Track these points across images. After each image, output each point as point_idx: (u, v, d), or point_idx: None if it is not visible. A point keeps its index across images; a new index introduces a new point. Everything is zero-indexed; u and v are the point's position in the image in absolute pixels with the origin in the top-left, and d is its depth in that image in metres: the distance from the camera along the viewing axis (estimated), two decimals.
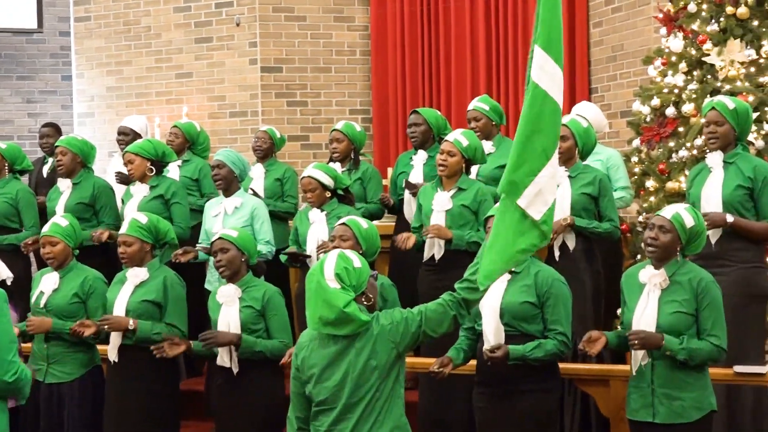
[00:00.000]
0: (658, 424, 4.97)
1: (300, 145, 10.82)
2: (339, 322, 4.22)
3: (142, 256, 5.96)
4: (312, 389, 4.34)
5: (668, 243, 4.99)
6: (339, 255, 4.32)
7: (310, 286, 4.31)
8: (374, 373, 4.25)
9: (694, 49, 7.37)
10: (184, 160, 8.21)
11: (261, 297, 5.73)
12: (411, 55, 10.91)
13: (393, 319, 4.31)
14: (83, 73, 11.65)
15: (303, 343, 4.43)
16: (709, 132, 6.07)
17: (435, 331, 4.37)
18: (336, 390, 4.28)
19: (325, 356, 4.32)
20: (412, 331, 4.32)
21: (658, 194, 7.26)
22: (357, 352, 4.26)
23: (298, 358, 4.42)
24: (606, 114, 8.87)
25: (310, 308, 4.31)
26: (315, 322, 4.29)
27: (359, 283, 4.31)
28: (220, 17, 11.00)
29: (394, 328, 4.29)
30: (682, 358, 4.90)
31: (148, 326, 5.85)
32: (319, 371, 4.32)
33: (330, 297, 4.22)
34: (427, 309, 4.37)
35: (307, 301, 4.33)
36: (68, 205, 7.48)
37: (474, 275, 4.36)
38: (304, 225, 6.85)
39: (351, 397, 4.25)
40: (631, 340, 4.93)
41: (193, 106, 11.01)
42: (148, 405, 5.88)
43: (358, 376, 4.25)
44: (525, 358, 5.04)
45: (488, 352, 5.01)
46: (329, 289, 4.23)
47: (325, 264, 4.29)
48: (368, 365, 4.25)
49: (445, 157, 6.56)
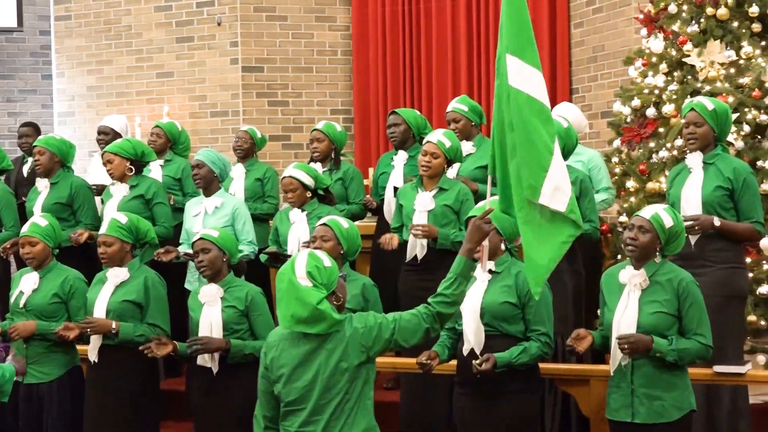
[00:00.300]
0: (639, 424, 4.98)
1: (281, 145, 10.81)
2: (312, 319, 4.23)
3: (123, 256, 5.94)
4: (281, 389, 4.34)
5: (647, 243, 5.01)
6: (309, 254, 4.33)
7: (281, 285, 4.31)
8: (344, 375, 4.26)
9: (675, 50, 7.40)
10: (166, 160, 8.19)
11: (244, 297, 5.72)
12: (392, 55, 10.92)
13: (366, 323, 4.31)
14: (64, 72, 11.62)
15: (272, 342, 4.43)
16: (688, 133, 6.09)
17: (407, 341, 4.38)
18: (306, 391, 4.28)
19: (295, 356, 4.31)
20: (385, 338, 4.32)
21: (639, 195, 7.28)
22: (328, 353, 4.26)
23: (267, 357, 4.42)
24: (587, 114, 8.89)
25: (281, 307, 4.31)
26: (287, 320, 4.29)
27: (330, 282, 4.32)
28: (202, 16, 10.98)
29: (367, 332, 4.29)
30: (672, 359, 4.92)
31: (131, 328, 5.83)
32: (288, 371, 4.32)
33: (303, 294, 4.23)
34: (401, 318, 4.38)
35: (279, 300, 4.33)
36: (46, 204, 7.44)
37: (448, 289, 4.42)
38: (284, 225, 6.84)
39: (321, 398, 4.25)
40: (621, 345, 4.93)
41: (174, 106, 10.98)
42: (127, 405, 5.86)
43: (329, 378, 4.25)
44: (512, 365, 5.04)
45: (477, 366, 5.00)
46: (301, 287, 4.24)
47: (296, 263, 4.29)
48: (339, 367, 4.25)
49: (429, 158, 6.56)
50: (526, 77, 4.62)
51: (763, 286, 6.75)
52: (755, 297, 6.75)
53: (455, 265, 4.48)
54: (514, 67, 4.62)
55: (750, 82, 7.06)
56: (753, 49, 7.16)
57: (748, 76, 7.10)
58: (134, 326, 5.84)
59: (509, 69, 4.65)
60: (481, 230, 4.58)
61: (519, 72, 4.61)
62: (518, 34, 4.70)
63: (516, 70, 4.61)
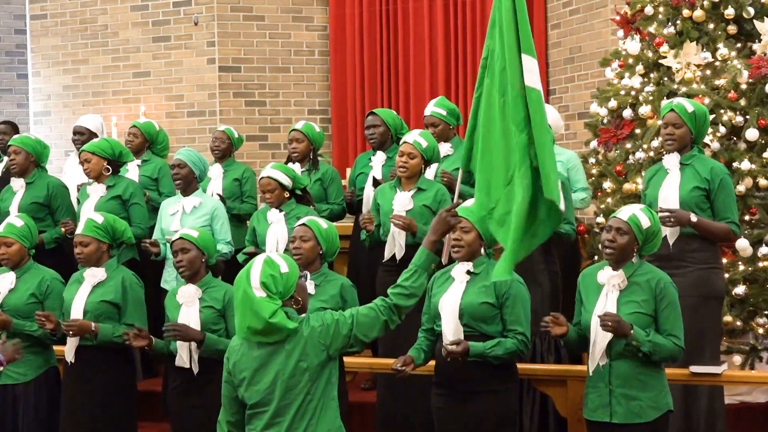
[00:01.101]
0: (616, 424, 5.00)
1: (258, 145, 10.80)
2: (266, 331, 4.23)
3: (99, 256, 5.92)
4: (244, 392, 4.34)
5: (625, 245, 5.03)
6: (265, 261, 4.30)
7: (237, 294, 4.30)
8: (305, 375, 4.25)
9: (651, 52, 7.43)
10: (143, 160, 8.16)
11: (221, 297, 5.71)
12: (370, 56, 10.92)
13: (324, 321, 4.30)
14: (39, 72, 11.56)
15: (234, 347, 4.42)
16: (666, 133, 6.12)
17: (366, 336, 4.37)
18: (267, 393, 4.27)
19: (255, 359, 4.31)
20: (344, 334, 4.31)
21: (615, 195, 7.31)
22: (287, 354, 4.26)
23: (229, 362, 4.41)
24: (564, 115, 8.93)
25: (238, 316, 4.30)
26: (243, 331, 4.29)
27: (286, 288, 4.29)
28: (178, 16, 10.95)
29: (325, 330, 4.28)
30: (646, 351, 4.94)
31: (110, 329, 5.81)
32: (250, 374, 4.32)
33: (257, 307, 4.21)
34: (358, 312, 4.38)
35: (235, 309, 4.33)
36: (22, 204, 7.41)
37: (408, 281, 4.42)
38: (262, 225, 6.83)
39: (282, 399, 4.25)
40: (603, 322, 4.92)
41: (151, 106, 10.95)
42: (104, 406, 5.83)
43: (289, 378, 4.25)
44: (485, 356, 5.04)
45: (447, 348, 5.01)
46: (255, 299, 4.22)
47: (251, 272, 4.27)
48: (298, 367, 4.25)
49: (405, 159, 6.57)
50: (535, 72, 4.65)
51: (738, 286, 6.79)
52: (731, 297, 6.78)
53: (417, 257, 4.48)
54: (530, 66, 4.64)
55: (726, 83, 7.09)
56: (729, 50, 7.20)
57: (724, 77, 7.13)
58: (113, 327, 5.82)
59: (525, 68, 4.66)
60: (446, 223, 4.57)
61: (532, 70, 4.63)
62: (527, 32, 4.73)
63: (530, 68, 4.63)
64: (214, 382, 5.61)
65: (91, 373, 5.85)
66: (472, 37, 10.49)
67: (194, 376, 5.68)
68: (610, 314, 4.95)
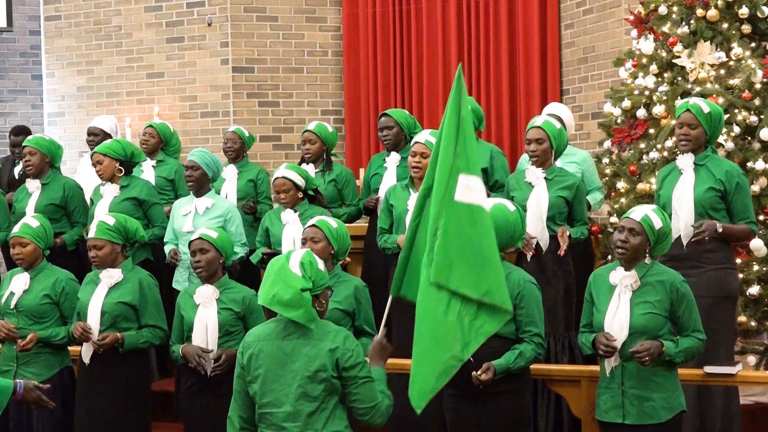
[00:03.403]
0: (629, 425, 4.99)
1: (272, 146, 10.81)
2: (291, 303, 4.27)
3: (114, 257, 5.92)
4: (257, 389, 4.34)
5: (638, 245, 5.02)
6: (307, 252, 4.44)
7: (272, 268, 4.36)
8: (322, 385, 4.28)
9: (665, 51, 7.41)
10: (158, 161, 8.19)
11: (240, 300, 5.72)
12: (383, 56, 10.92)
13: (353, 350, 4.34)
14: (54, 73, 11.59)
15: (250, 342, 4.44)
16: (681, 134, 6.10)
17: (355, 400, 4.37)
18: (281, 394, 4.29)
19: (273, 357, 4.32)
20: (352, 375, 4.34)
21: (629, 196, 7.29)
22: (308, 360, 4.28)
23: (243, 356, 4.42)
24: (577, 115, 8.91)
25: (266, 285, 4.35)
26: (267, 298, 4.32)
27: (318, 282, 4.37)
28: (192, 17, 10.96)
29: (348, 356, 4.31)
30: (680, 361, 4.98)
31: (134, 336, 5.85)
32: (265, 372, 4.33)
33: (290, 278, 4.29)
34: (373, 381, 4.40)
35: (264, 280, 4.38)
36: (38, 206, 7.44)
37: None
38: (276, 226, 6.83)
39: (296, 404, 4.27)
40: (641, 359, 4.90)
41: (165, 106, 10.97)
42: (119, 406, 5.85)
43: (306, 384, 4.27)
44: (510, 370, 5.02)
45: (477, 377, 4.99)
46: (291, 272, 4.31)
47: (293, 254, 4.40)
48: (317, 376, 4.28)
49: (418, 159, 6.55)
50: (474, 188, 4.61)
51: (753, 286, 6.78)
52: (745, 298, 6.77)
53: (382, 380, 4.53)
54: (465, 183, 4.61)
55: (740, 83, 7.08)
56: (743, 50, 7.18)
57: (738, 77, 7.12)
58: (137, 334, 5.86)
59: (459, 185, 4.61)
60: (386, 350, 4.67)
61: (468, 186, 4.60)
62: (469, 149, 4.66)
63: (465, 185, 4.60)
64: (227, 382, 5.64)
65: (107, 373, 5.86)
66: (485, 37, 10.47)
67: (207, 377, 5.69)
68: (640, 349, 4.90)
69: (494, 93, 10.42)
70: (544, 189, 6.45)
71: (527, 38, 10.21)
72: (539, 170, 6.50)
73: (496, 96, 10.40)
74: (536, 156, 6.51)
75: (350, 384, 4.34)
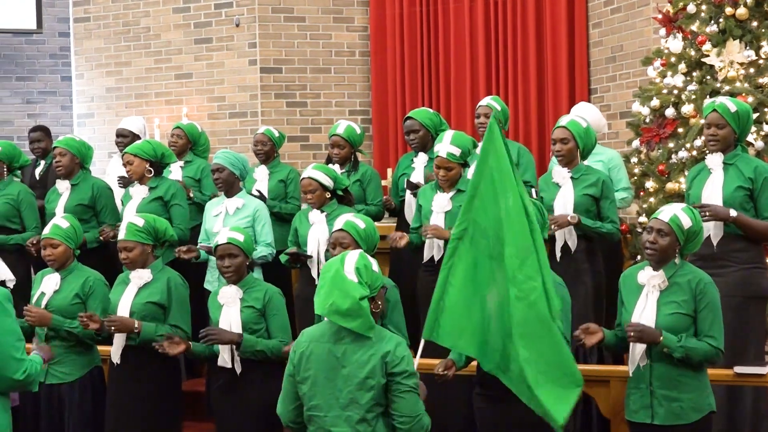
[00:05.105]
0: (658, 425, 4.97)
1: (300, 146, 10.83)
2: (350, 313, 4.25)
3: (145, 258, 5.96)
4: (306, 391, 4.35)
5: (667, 246, 4.99)
6: (361, 254, 4.40)
7: (326, 274, 4.34)
8: (370, 392, 4.28)
9: (694, 50, 7.38)
10: (186, 161, 8.22)
11: (262, 297, 5.75)
12: (410, 56, 10.92)
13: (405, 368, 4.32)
14: (83, 74, 11.66)
15: (302, 342, 4.44)
16: (710, 134, 6.07)
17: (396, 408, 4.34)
18: (330, 398, 4.29)
19: (324, 361, 4.32)
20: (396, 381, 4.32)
21: (658, 195, 7.26)
22: (358, 366, 4.28)
23: (295, 355, 4.43)
24: (605, 115, 8.88)
25: (321, 295, 4.32)
26: (324, 308, 4.29)
27: (374, 285, 4.36)
28: (220, 18, 11.01)
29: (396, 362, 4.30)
30: (679, 356, 4.91)
31: (152, 328, 5.85)
32: (315, 375, 4.34)
33: (347, 287, 4.26)
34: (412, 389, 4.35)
35: (320, 288, 4.35)
36: (68, 206, 7.49)
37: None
38: (303, 226, 6.85)
39: (344, 409, 4.27)
40: (628, 332, 4.93)
41: (193, 107, 11.02)
42: (149, 406, 5.88)
43: (355, 391, 4.27)
44: None
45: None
46: (347, 280, 4.28)
47: (346, 258, 4.36)
48: (366, 383, 4.27)
49: (443, 173, 6.56)
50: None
51: None
52: None
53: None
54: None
55: None
56: None
57: None
58: (156, 326, 5.86)
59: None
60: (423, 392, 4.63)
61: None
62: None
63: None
64: (256, 381, 5.67)
65: (137, 373, 5.90)
66: (513, 37, 10.46)
67: (237, 376, 5.72)
68: (632, 325, 4.94)
69: (522, 93, 10.41)
70: (570, 188, 6.45)
71: (555, 37, 10.19)
72: (565, 170, 6.49)
73: (523, 96, 10.39)
74: (561, 155, 6.50)
75: (394, 390, 4.31)
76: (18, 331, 4.69)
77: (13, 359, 4.57)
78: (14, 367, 4.55)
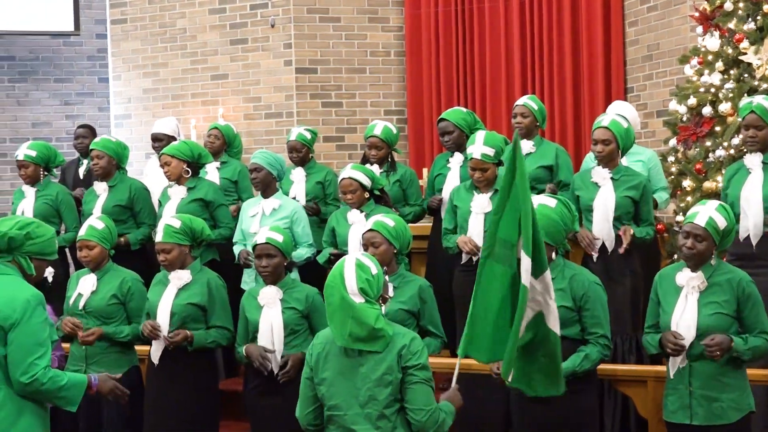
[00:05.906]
0: (697, 426, 4.95)
1: (335, 146, 10.85)
2: (370, 337, 4.24)
3: (183, 259, 5.99)
4: (324, 392, 4.35)
5: (704, 250, 4.97)
6: (357, 265, 4.31)
7: (331, 300, 4.29)
8: (388, 389, 4.27)
9: (731, 48, 7.33)
10: (222, 162, 8.25)
11: (303, 299, 5.77)
12: (445, 56, 10.91)
13: (418, 362, 4.29)
14: (120, 75, 11.73)
15: (318, 344, 4.44)
16: (749, 136, 6.04)
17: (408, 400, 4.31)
18: (349, 397, 4.29)
19: (341, 361, 4.33)
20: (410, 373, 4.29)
21: (695, 194, 7.22)
22: (376, 363, 4.28)
23: (312, 358, 4.43)
24: (642, 113, 8.85)
25: (335, 323, 4.28)
26: (344, 339, 4.27)
27: (379, 290, 4.35)
28: (255, 19, 11.04)
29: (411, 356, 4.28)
30: (748, 358, 4.92)
31: (203, 335, 5.93)
32: (332, 375, 4.34)
33: (359, 314, 4.23)
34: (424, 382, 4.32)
35: (331, 315, 4.31)
36: (105, 207, 7.54)
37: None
38: (342, 226, 6.86)
39: (364, 406, 4.27)
40: (711, 353, 4.87)
41: (229, 108, 11.06)
42: (187, 405, 5.93)
43: (373, 388, 4.27)
44: (576, 373, 5.01)
45: None
46: (356, 306, 4.24)
47: (345, 277, 4.28)
48: (383, 379, 4.27)
49: (479, 174, 6.56)
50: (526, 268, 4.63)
51: None
52: None
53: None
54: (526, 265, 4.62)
55: None
56: None
57: None
58: (206, 333, 5.94)
59: (523, 267, 4.62)
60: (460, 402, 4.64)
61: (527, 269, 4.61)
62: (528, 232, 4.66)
63: (526, 268, 4.61)
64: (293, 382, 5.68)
65: (175, 372, 5.94)
66: (548, 36, 10.43)
67: (274, 376, 5.73)
68: (711, 343, 4.87)
69: (558, 92, 10.37)
70: (610, 189, 6.42)
71: (591, 36, 10.15)
72: (605, 170, 6.46)
73: (559, 95, 10.35)
74: (602, 157, 6.47)
75: (407, 381, 4.29)
76: (42, 337, 4.52)
77: (24, 362, 4.44)
78: (22, 369, 4.44)
